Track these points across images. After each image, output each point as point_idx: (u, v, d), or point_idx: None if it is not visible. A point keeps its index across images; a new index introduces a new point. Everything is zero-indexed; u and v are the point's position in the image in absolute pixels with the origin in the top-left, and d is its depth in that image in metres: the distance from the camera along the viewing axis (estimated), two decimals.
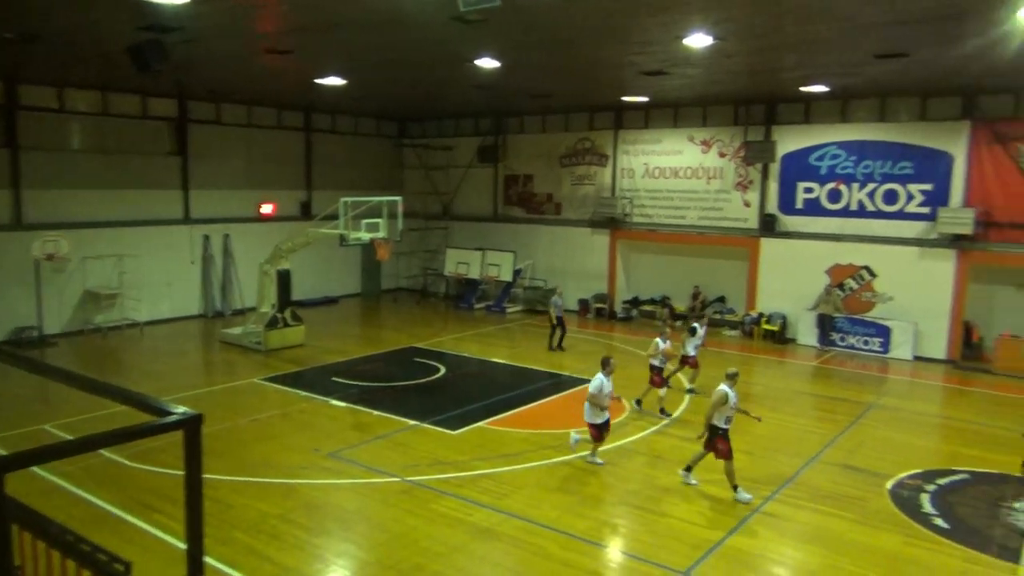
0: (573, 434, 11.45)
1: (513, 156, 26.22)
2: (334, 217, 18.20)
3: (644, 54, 14.58)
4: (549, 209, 25.58)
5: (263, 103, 23.80)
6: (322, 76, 17.52)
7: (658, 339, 13.87)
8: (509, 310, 24.78)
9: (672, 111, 22.60)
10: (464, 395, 14.93)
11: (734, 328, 21.93)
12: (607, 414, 11.06)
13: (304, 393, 14.77)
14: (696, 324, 15.47)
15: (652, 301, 23.96)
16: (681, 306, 23.18)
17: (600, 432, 11.01)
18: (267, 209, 24.28)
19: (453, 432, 12.63)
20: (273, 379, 15.83)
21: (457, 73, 16.89)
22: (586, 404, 10.99)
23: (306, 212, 24.82)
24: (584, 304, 24.39)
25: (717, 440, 10.21)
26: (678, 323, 22.67)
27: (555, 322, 19.17)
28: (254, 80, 18.90)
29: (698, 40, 12.99)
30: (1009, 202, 17.82)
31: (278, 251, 18.82)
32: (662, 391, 13.81)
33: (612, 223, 23.86)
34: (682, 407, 14.32)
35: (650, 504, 9.96)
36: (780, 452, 12.03)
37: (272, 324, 18.46)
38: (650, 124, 23.14)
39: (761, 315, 21.21)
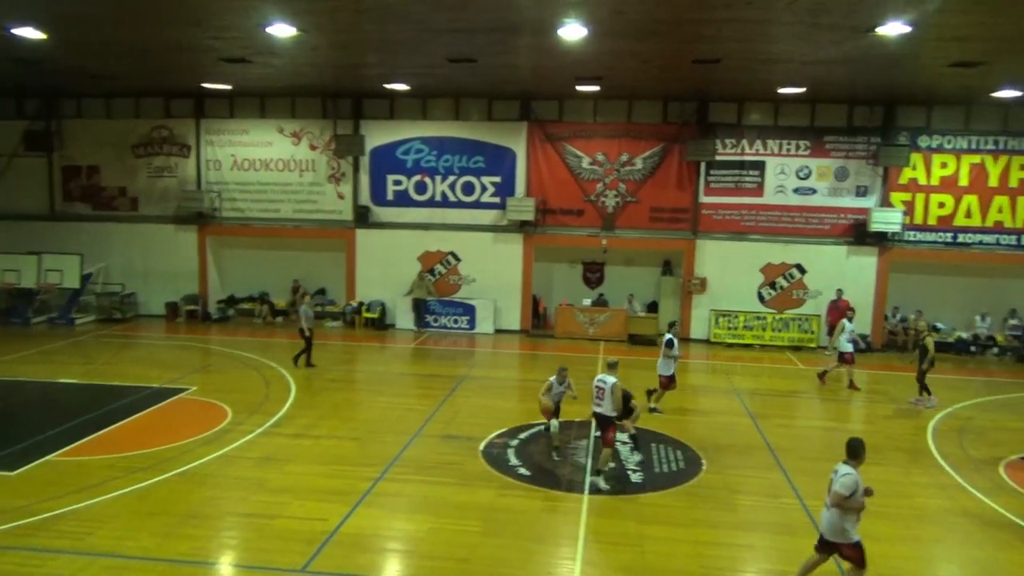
0: None
1: (72, 144, 22.69)
2: None
3: (224, 39, 13.77)
4: (123, 205, 22.77)
5: None
6: None
7: (552, 379, 11.96)
8: (79, 321, 21.49)
9: (259, 101, 21.80)
10: (24, 427, 12.50)
11: (336, 319, 22.16)
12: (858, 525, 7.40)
13: None
14: (670, 335, 13.82)
15: (251, 299, 22.96)
16: (282, 301, 22.65)
17: (862, 554, 7.34)
18: None
19: (11, 473, 10.50)
20: None
21: None
22: (830, 514, 7.27)
23: None
24: (173, 307, 22.34)
25: (610, 429, 10.70)
26: (278, 319, 22.14)
27: (307, 335, 16.49)
28: None
29: (281, 30, 12.69)
30: (559, 192, 21.03)
31: None
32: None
33: (200, 218, 22.21)
34: (287, 404, 14.00)
35: (261, 509, 9.52)
36: (386, 433, 12.49)
37: None
38: (236, 114, 22.01)
39: (361, 304, 21.78)
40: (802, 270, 20.35)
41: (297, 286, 22.54)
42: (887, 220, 19.39)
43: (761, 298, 20.60)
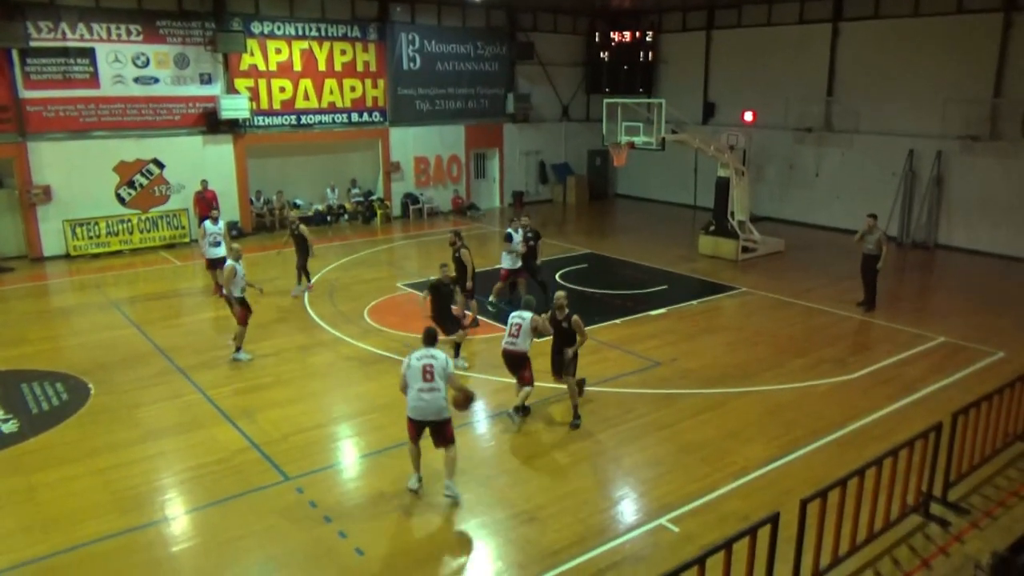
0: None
1: None
2: None
3: None
4: None
5: None
6: None
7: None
8: None
9: None
10: None
11: None
12: None
13: None
14: (511, 230, 13.50)
15: None
16: None
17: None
18: None
19: None
20: None
21: None
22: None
23: None
24: None
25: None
26: None
27: None
28: None
29: None
30: None
31: None
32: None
33: None
34: None
35: None
36: None
37: None
38: None
39: None
40: (160, 165, 19.35)
41: None
42: (235, 107, 19.67)
43: (121, 199, 18.96)
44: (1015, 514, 7.28)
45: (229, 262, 11.35)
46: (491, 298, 13.58)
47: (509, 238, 13.47)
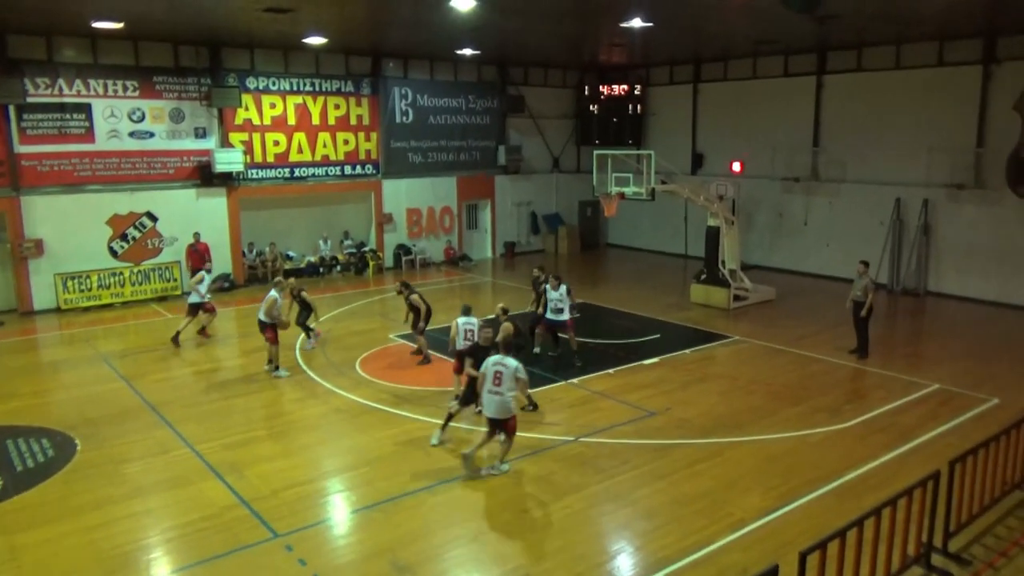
0: None
1: None
2: None
3: None
4: None
5: None
6: None
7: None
8: None
9: None
10: None
11: None
12: None
13: None
14: (565, 285, 13.27)
15: None
16: None
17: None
18: None
19: None
20: None
21: None
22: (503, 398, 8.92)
23: None
24: None
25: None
26: None
27: None
28: None
29: None
30: None
31: None
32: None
33: None
34: None
35: None
36: None
37: None
38: None
39: None
40: (153, 218, 19.42)
41: None
42: (229, 160, 19.85)
43: (114, 252, 18.96)
44: (1017, 564, 7.17)
45: (272, 292, 13.06)
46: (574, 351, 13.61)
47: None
